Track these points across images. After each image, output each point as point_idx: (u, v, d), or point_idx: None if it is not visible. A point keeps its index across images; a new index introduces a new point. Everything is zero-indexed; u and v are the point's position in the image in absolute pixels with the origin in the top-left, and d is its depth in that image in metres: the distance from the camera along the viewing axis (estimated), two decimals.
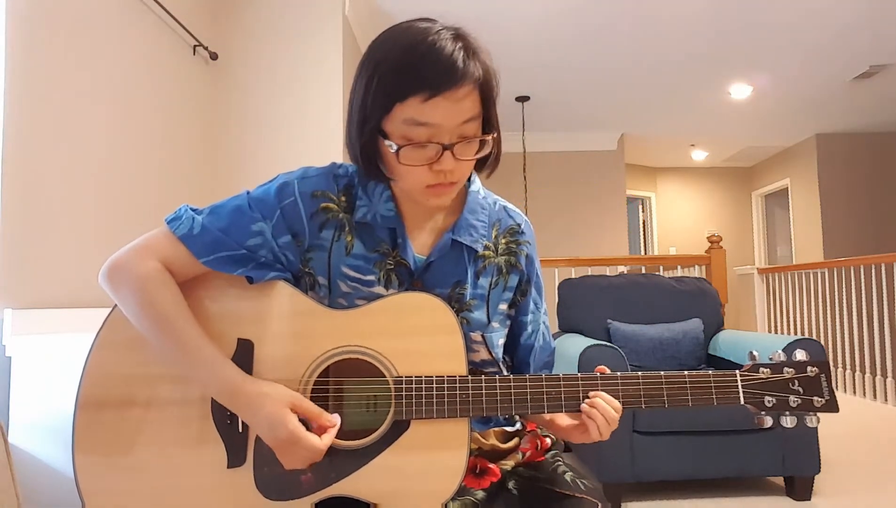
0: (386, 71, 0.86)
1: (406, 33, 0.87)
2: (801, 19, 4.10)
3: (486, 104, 0.89)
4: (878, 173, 6.93)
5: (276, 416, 0.85)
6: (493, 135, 0.91)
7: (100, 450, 0.90)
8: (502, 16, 3.99)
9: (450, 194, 0.93)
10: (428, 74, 0.83)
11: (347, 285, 0.97)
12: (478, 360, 1.02)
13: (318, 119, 3.28)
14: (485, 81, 0.88)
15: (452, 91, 0.84)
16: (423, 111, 0.84)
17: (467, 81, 0.85)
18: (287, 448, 0.86)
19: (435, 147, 0.86)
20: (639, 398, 0.93)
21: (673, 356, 3.01)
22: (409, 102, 0.84)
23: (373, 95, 0.87)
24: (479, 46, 0.89)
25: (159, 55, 2.63)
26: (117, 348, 0.93)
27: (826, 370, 0.95)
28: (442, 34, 0.86)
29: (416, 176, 0.89)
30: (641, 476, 2.47)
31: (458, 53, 0.85)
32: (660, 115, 6.17)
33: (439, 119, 0.85)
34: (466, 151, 0.89)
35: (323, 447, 0.86)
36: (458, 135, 0.87)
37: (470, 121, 0.87)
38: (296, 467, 0.88)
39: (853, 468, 2.96)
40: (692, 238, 8.16)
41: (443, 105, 0.84)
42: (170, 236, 0.93)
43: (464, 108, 0.86)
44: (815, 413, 0.94)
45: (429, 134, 0.86)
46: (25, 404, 1.60)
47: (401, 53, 0.85)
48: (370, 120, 0.88)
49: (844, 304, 5.02)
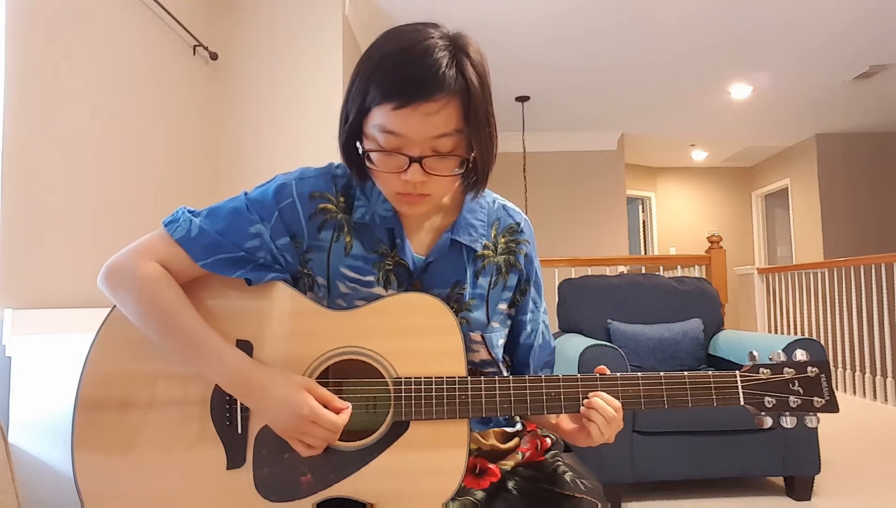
0: (366, 74, 0.84)
1: (397, 37, 0.85)
2: (801, 19, 4.10)
3: (469, 120, 0.84)
4: (878, 173, 6.93)
5: (294, 396, 0.85)
6: (472, 155, 0.86)
7: (99, 450, 0.90)
8: (503, 16, 3.99)
9: (422, 206, 0.91)
10: (401, 83, 0.81)
11: (346, 286, 0.96)
12: (477, 360, 1.02)
13: (318, 119, 3.28)
14: (468, 95, 0.83)
15: (423, 103, 0.80)
16: (392, 120, 0.82)
17: (442, 95, 0.81)
18: (305, 427, 0.85)
19: (403, 158, 0.84)
20: (638, 399, 0.93)
21: (673, 356, 3.01)
22: (381, 107, 0.82)
23: (353, 95, 0.86)
24: (474, 59, 0.85)
25: (159, 55, 2.63)
26: (116, 348, 0.93)
27: (826, 371, 0.95)
28: (433, 42, 0.83)
29: (386, 182, 0.88)
30: (641, 476, 2.47)
31: (440, 64, 0.81)
32: (660, 115, 6.17)
33: (407, 130, 0.82)
34: (439, 167, 0.85)
35: (341, 423, 0.86)
36: (431, 148, 0.84)
37: (444, 136, 0.83)
38: (310, 451, 0.87)
39: (853, 468, 2.96)
40: (692, 238, 8.16)
41: (413, 117, 0.81)
42: (167, 238, 0.93)
43: (434, 122, 0.82)
44: (815, 414, 0.94)
45: (398, 143, 0.84)
46: (25, 404, 1.60)
47: (382, 57, 0.83)
48: (350, 119, 0.87)
49: (844, 304, 5.02)
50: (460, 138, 0.85)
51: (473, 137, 0.85)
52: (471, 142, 0.85)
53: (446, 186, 0.89)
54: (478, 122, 0.84)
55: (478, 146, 0.86)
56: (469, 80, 0.83)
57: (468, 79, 0.83)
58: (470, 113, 0.83)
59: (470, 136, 0.85)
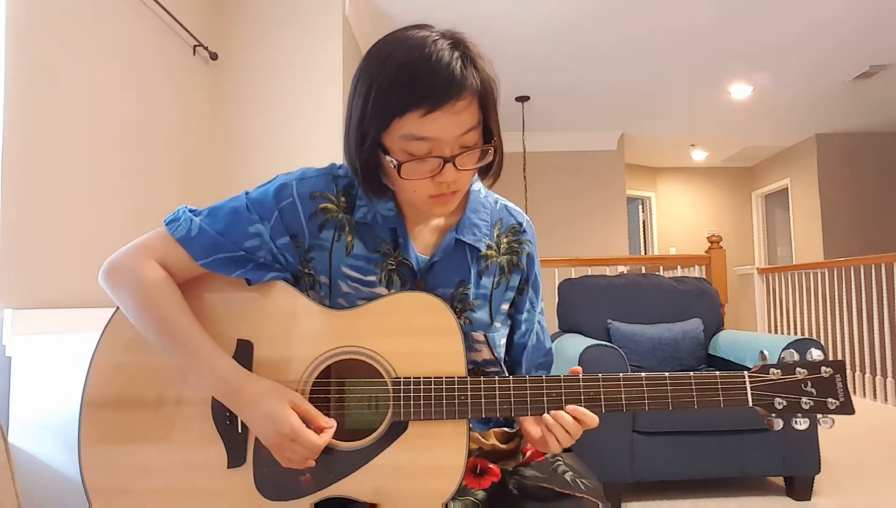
0: (383, 87, 0.84)
1: (403, 45, 0.85)
2: (801, 19, 4.10)
3: (485, 112, 0.87)
4: (878, 173, 6.92)
5: (278, 412, 0.86)
6: (494, 143, 0.90)
7: (105, 448, 0.91)
8: (502, 16, 3.99)
9: (453, 202, 0.92)
10: (425, 89, 0.82)
11: (348, 286, 0.96)
12: (479, 360, 1.02)
13: (318, 119, 3.28)
14: (484, 89, 0.86)
15: (451, 105, 0.82)
16: (422, 126, 0.83)
17: (465, 93, 0.83)
18: (287, 445, 0.86)
19: (436, 160, 0.85)
20: (642, 401, 0.90)
21: (673, 356, 3.01)
22: (407, 117, 0.83)
23: (370, 110, 0.85)
24: (477, 53, 0.87)
25: (159, 55, 2.63)
26: (121, 347, 0.94)
27: (841, 371, 0.91)
28: (439, 44, 0.84)
29: (419, 188, 0.89)
30: (641, 476, 2.47)
31: (455, 64, 0.83)
32: (660, 115, 6.17)
33: (439, 133, 0.84)
34: (468, 162, 0.88)
35: (321, 444, 0.86)
36: (459, 146, 0.86)
37: (470, 131, 0.86)
38: (293, 465, 0.88)
39: (853, 468, 2.96)
40: (692, 238, 8.16)
41: (442, 119, 0.83)
42: (168, 237, 0.93)
43: (463, 119, 0.84)
44: (829, 416, 0.90)
45: (429, 148, 0.85)
46: (25, 404, 1.60)
47: (397, 68, 0.83)
48: (369, 136, 0.86)
49: (844, 304, 5.02)
50: (480, 131, 0.89)
51: (493, 124, 0.89)
52: (490, 130, 0.89)
53: (470, 178, 0.93)
54: (493, 112, 0.89)
55: (496, 135, 0.90)
56: (483, 72, 0.86)
57: (481, 72, 0.86)
58: (488, 103, 0.87)
59: (490, 124, 0.89)
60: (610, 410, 0.91)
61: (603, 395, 0.91)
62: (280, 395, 0.87)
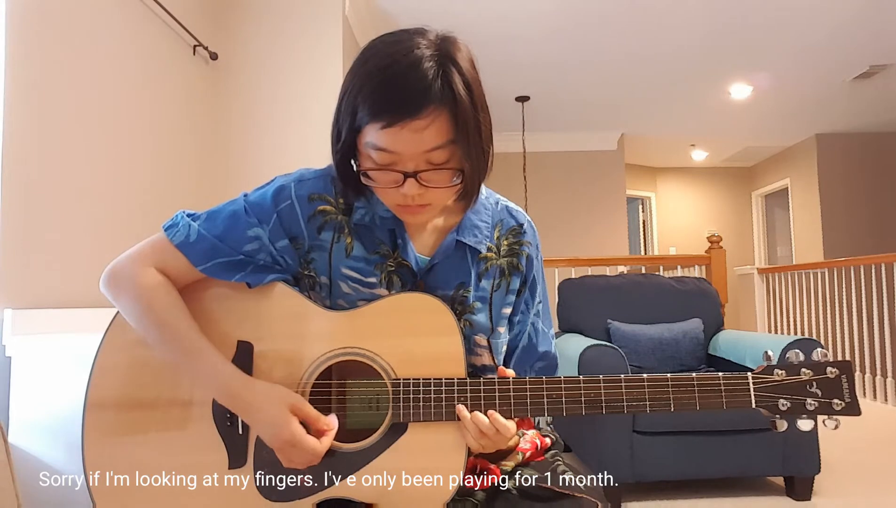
0: (353, 92, 0.83)
1: (382, 51, 0.83)
2: (801, 19, 4.09)
3: (461, 128, 0.82)
4: (878, 173, 6.92)
5: (278, 418, 0.86)
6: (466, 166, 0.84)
7: (108, 449, 0.92)
8: (502, 16, 3.99)
9: (426, 214, 0.91)
10: (386, 103, 0.79)
11: (348, 286, 0.96)
12: (479, 364, 1.01)
13: (318, 119, 3.27)
14: (457, 105, 0.81)
15: (411, 121, 0.79)
16: (382, 138, 0.81)
17: (430, 109, 0.79)
18: (287, 450, 0.86)
19: (398, 174, 0.83)
20: (644, 402, 0.89)
21: (673, 356, 3.01)
22: (369, 126, 0.82)
23: (342, 112, 0.85)
24: (462, 66, 0.82)
25: (159, 55, 2.63)
26: (123, 350, 0.95)
27: (847, 371, 0.89)
28: (418, 53, 0.80)
29: (386, 195, 0.88)
30: (641, 476, 2.47)
31: (426, 78, 0.79)
32: (660, 115, 6.17)
33: (400, 148, 0.81)
34: (436, 179, 0.84)
35: (322, 449, 0.86)
36: (425, 162, 0.82)
37: (437, 149, 0.82)
38: (294, 467, 0.88)
39: (853, 468, 2.96)
40: (692, 238, 8.14)
41: (402, 134, 0.80)
42: (167, 243, 0.93)
43: (425, 137, 0.80)
44: (835, 417, 0.89)
45: (392, 159, 0.83)
46: (25, 404, 1.60)
47: (368, 75, 0.82)
48: (342, 136, 0.86)
49: (844, 304, 5.01)
50: (455, 148, 0.83)
51: (462, 147, 0.83)
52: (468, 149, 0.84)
53: (446, 195, 0.89)
54: (467, 131, 0.82)
55: (467, 157, 0.84)
56: (456, 90, 0.81)
57: (455, 89, 0.81)
58: (458, 123, 0.81)
59: (468, 142, 0.83)
60: (611, 411, 0.90)
61: (604, 396, 0.90)
62: (281, 400, 0.87)
